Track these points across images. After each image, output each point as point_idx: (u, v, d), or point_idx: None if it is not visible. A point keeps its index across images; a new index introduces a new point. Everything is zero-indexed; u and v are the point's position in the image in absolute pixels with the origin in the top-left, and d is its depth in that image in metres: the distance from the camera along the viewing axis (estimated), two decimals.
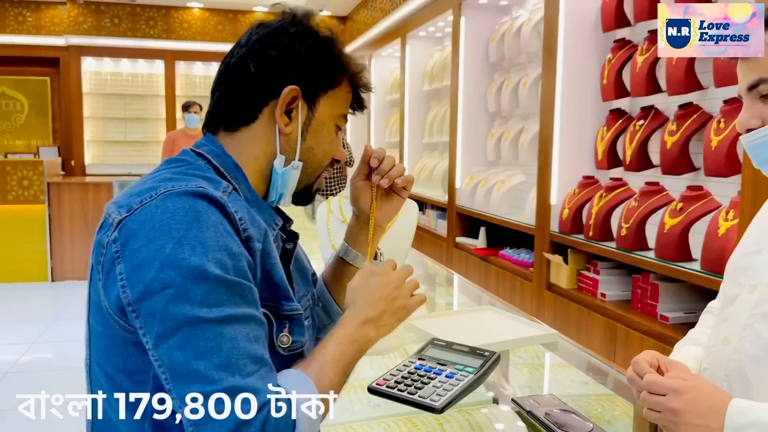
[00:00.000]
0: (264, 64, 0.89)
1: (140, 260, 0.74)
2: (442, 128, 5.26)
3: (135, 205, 0.77)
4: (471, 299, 2.33)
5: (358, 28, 7.95)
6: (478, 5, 4.45)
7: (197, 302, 0.72)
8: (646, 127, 2.72)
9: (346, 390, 1.41)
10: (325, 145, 0.96)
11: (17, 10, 7.97)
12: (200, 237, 0.74)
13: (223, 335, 0.72)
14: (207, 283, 0.72)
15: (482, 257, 4.03)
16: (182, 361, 0.71)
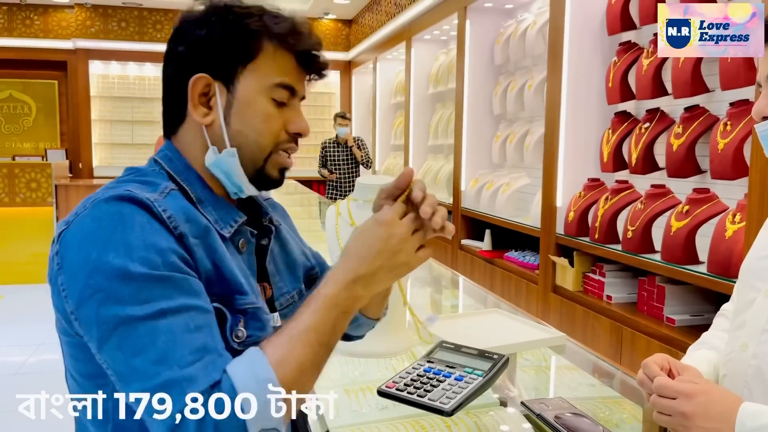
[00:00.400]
0: (175, 61, 0.88)
1: (73, 269, 0.75)
2: (447, 131, 5.27)
3: (71, 217, 0.79)
4: (477, 301, 2.34)
5: (363, 31, 7.97)
6: (483, 8, 4.47)
7: (127, 302, 0.72)
8: (651, 129, 2.73)
9: (354, 392, 1.42)
10: (257, 124, 0.88)
11: (25, 13, 8.03)
12: (124, 239, 0.74)
13: (157, 329, 0.71)
14: (134, 281, 0.72)
15: (487, 259, 4.04)
16: (122, 361, 0.72)
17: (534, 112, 3.96)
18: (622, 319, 2.65)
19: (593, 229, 2.90)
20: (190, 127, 0.89)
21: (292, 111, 0.91)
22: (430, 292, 2.42)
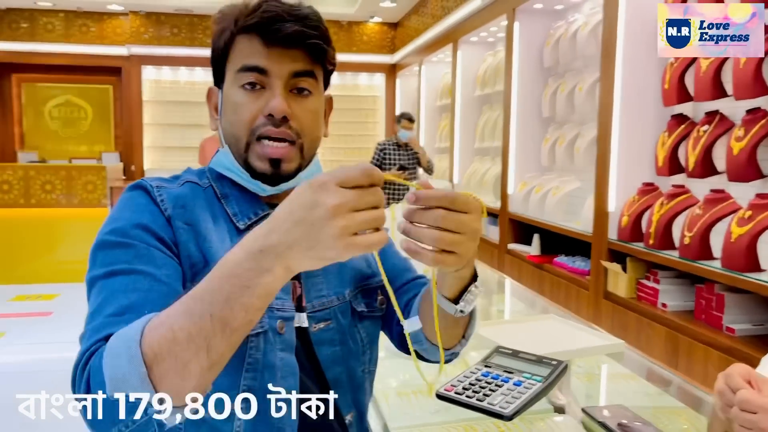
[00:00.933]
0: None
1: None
2: (493, 133, 5.23)
3: None
4: (526, 306, 2.31)
5: (408, 34, 7.98)
6: (533, 10, 4.42)
7: (97, 266, 0.80)
8: (710, 132, 2.64)
9: (406, 394, 1.43)
10: (230, 116, 0.88)
11: (82, 20, 8.32)
12: (117, 216, 0.83)
13: (105, 286, 0.77)
14: (105, 248, 0.80)
15: (536, 264, 3.98)
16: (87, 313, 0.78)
17: (585, 114, 3.89)
18: (678, 328, 2.57)
19: (648, 235, 2.82)
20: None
21: (269, 92, 0.87)
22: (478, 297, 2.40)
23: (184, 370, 0.64)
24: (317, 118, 0.93)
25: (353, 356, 0.96)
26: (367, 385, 1.00)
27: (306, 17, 0.87)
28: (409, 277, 1.04)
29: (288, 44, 0.86)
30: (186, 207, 0.87)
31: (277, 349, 0.87)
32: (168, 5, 7.99)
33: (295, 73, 0.87)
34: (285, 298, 0.88)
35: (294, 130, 0.87)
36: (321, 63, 0.93)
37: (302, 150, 0.89)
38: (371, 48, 8.87)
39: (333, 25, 8.72)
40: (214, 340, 0.64)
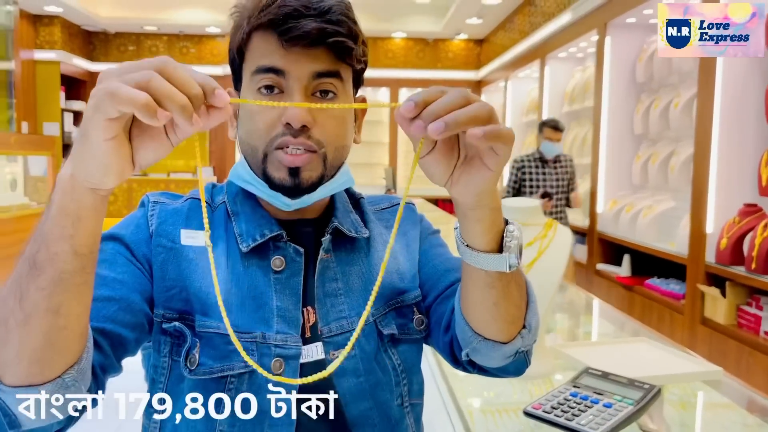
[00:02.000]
0: None
1: None
2: (582, 150, 5.11)
3: None
4: (616, 328, 2.24)
5: (494, 50, 7.95)
6: (625, 24, 4.30)
7: None
8: None
9: (491, 412, 1.42)
10: (247, 124, 0.77)
11: (183, 43, 8.86)
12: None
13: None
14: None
15: (626, 286, 3.84)
16: None
17: (680, 131, 3.74)
18: None
19: (749, 259, 2.67)
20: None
21: (288, 97, 0.75)
22: (564, 317, 2.35)
23: (5, 328, 0.56)
24: (344, 124, 0.79)
25: (383, 388, 0.81)
26: (409, 420, 0.85)
27: (328, 10, 0.74)
28: (452, 278, 0.86)
29: (307, 43, 0.73)
30: (176, 224, 0.80)
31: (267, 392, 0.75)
32: None
33: (317, 74, 0.75)
34: (289, 333, 0.77)
35: (315, 140, 0.75)
36: (347, 61, 0.78)
37: (325, 159, 0.77)
38: (456, 64, 8.90)
39: (419, 42, 8.83)
40: (24, 283, 0.56)
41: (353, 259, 0.84)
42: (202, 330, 0.76)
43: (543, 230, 1.27)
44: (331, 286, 0.82)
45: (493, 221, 0.66)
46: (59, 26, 7.76)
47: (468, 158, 0.63)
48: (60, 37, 7.76)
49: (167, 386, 0.77)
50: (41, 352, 0.57)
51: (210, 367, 0.75)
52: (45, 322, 0.56)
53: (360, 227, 0.87)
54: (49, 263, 0.55)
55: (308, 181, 0.76)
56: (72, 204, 0.54)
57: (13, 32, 7.10)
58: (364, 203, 0.93)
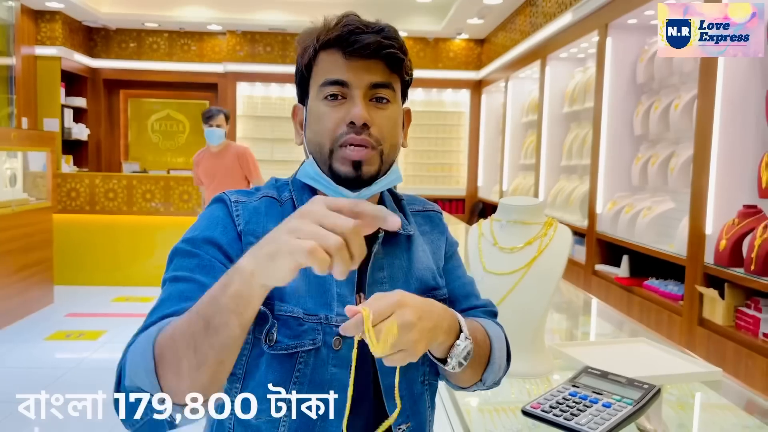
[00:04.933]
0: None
1: None
2: (582, 151, 5.11)
3: None
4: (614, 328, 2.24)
5: (495, 50, 7.95)
6: (626, 25, 4.30)
7: (169, 270, 0.88)
8: None
9: (488, 411, 1.42)
10: (314, 126, 0.93)
11: (183, 40, 8.84)
12: (195, 226, 0.91)
13: (167, 289, 0.85)
14: (177, 255, 0.88)
15: (624, 287, 3.84)
16: None
17: (680, 132, 3.74)
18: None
19: (749, 260, 2.67)
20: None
21: (350, 102, 0.91)
22: (562, 318, 2.35)
23: (178, 367, 0.72)
24: (396, 126, 0.96)
25: (412, 366, 0.96)
26: (426, 396, 1.01)
27: (383, 30, 0.92)
28: (470, 304, 1.06)
29: (366, 55, 0.90)
30: (259, 222, 0.91)
31: (330, 365, 0.90)
32: (262, 24, 8.36)
33: (373, 84, 0.91)
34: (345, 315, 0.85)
35: (374, 137, 0.91)
36: (398, 74, 0.95)
37: (382, 155, 0.93)
38: (457, 64, 8.89)
39: (419, 42, 8.82)
40: (199, 338, 0.70)
41: (397, 253, 0.99)
42: (279, 313, 0.89)
43: (543, 229, 1.27)
44: (378, 275, 0.96)
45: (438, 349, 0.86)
46: (60, 22, 7.74)
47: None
48: (61, 33, 7.74)
49: (248, 361, 0.90)
50: (207, 387, 0.73)
51: (286, 345, 0.88)
52: (213, 369, 0.72)
53: (406, 225, 1.02)
54: (222, 329, 0.69)
55: (368, 174, 0.91)
56: (247, 291, 0.68)
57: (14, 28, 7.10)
58: (404, 203, 1.08)
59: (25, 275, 5.23)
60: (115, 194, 6.54)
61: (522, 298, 1.24)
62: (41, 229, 5.52)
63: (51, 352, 4.47)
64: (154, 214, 6.53)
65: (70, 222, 6.33)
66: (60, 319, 5.27)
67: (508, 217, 1.30)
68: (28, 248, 5.28)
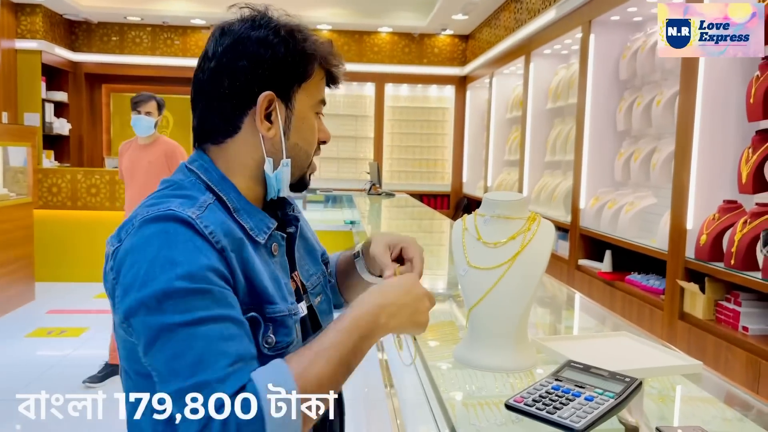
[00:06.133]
0: (235, 76, 0.92)
1: (126, 284, 0.82)
2: (565, 147, 5.15)
3: (122, 235, 0.87)
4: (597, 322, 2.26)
5: (480, 46, 7.96)
6: (609, 22, 4.33)
7: (169, 312, 0.78)
8: None
9: (472, 405, 1.43)
10: (308, 136, 0.99)
11: (167, 34, 8.76)
12: (169, 255, 0.80)
13: (195, 335, 0.77)
14: (176, 295, 0.78)
15: (607, 282, 3.88)
16: (163, 363, 0.78)
17: (662, 128, 3.78)
18: (760, 353, 2.45)
19: (729, 255, 2.71)
20: (243, 139, 0.95)
21: (320, 121, 1.03)
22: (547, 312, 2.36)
23: (335, 382, 0.85)
24: None
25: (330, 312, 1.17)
26: None
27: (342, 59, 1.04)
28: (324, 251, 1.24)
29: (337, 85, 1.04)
30: (228, 234, 0.87)
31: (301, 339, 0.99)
32: None
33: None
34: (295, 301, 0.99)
35: None
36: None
37: None
38: (442, 60, 8.90)
39: (404, 37, 8.81)
40: (343, 380, 0.87)
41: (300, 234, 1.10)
42: (274, 315, 0.91)
43: (527, 224, 1.27)
44: (298, 255, 1.08)
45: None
46: (41, 15, 7.63)
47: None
48: (41, 27, 7.63)
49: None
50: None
51: (285, 343, 0.92)
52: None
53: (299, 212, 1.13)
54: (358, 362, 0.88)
55: None
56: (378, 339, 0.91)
57: None
58: None
59: (6, 272, 5.16)
60: (98, 190, 6.47)
61: (505, 293, 1.24)
62: (22, 225, 5.45)
63: (32, 349, 4.43)
64: None
65: (51, 218, 6.25)
66: (41, 315, 5.22)
67: (491, 212, 1.31)
68: (9, 244, 5.21)
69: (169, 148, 3.89)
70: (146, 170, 3.79)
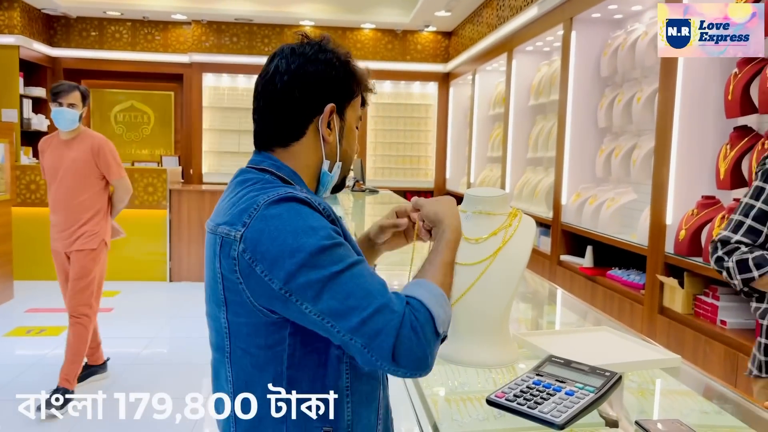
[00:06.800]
0: (307, 88, 1.09)
1: (273, 256, 0.95)
2: (547, 143, 5.18)
3: (246, 219, 0.99)
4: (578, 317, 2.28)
5: (463, 43, 7.98)
6: (591, 19, 4.36)
7: (327, 265, 0.94)
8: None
9: (455, 401, 1.43)
10: (353, 145, 1.18)
11: (147, 29, 8.66)
12: (307, 224, 0.97)
13: (354, 276, 0.95)
14: (327, 250, 0.95)
15: (588, 277, 3.91)
16: (338, 305, 0.93)
17: (642, 125, 3.82)
18: (737, 346, 2.49)
19: (707, 250, 2.74)
20: (307, 142, 1.12)
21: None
22: (529, 307, 2.38)
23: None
24: None
25: None
26: None
27: None
28: None
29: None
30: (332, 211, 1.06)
31: None
32: (228, 14, 8.23)
33: None
34: None
35: None
36: None
37: None
38: (425, 57, 8.90)
39: (387, 34, 8.80)
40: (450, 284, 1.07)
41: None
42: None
43: (508, 219, 1.28)
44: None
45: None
46: (18, 10, 7.50)
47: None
48: (19, 21, 7.51)
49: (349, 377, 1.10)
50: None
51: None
52: None
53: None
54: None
55: None
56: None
57: None
58: None
59: None
60: None
61: (487, 289, 1.25)
62: (0, 222, 5.37)
63: (11, 348, 4.36)
64: None
65: (30, 215, 6.16)
66: (20, 314, 5.14)
67: (473, 207, 1.31)
68: None
69: (95, 142, 3.51)
70: (72, 169, 3.46)
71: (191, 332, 4.79)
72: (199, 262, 6.32)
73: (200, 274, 7.45)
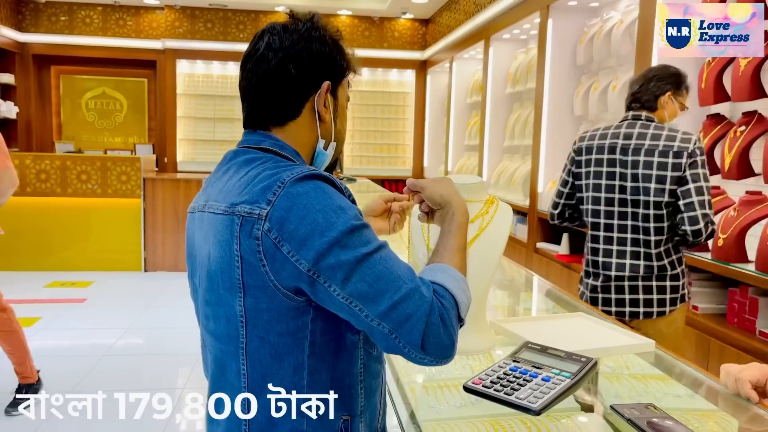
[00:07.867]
0: (302, 65, 1.06)
1: (302, 235, 0.92)
2: (524, 131, 5.19)
3: (270, 197, 0.95)
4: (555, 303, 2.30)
5: (440, 30, 7.96)
6: (567, 7, 4.37)
7: (357, 246, 0.92)
8: (748, 133, 2.59)
9: (432, 388, 1.43)
10: (345, 124, 1.17)
11: (118, 14, 8.48)
12: (335, 204, 0.94)
13: (383, 259, 0.93)
14: (356, 231, 0.93)
15: (564, 264, 3.95)
16: (367, 288, 0.90)
17: (618, 113, 3.84)
18: (709, 331, 2.53)
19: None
20: (303, 120, 1.09)
21: None
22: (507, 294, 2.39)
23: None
24: None
25: None
26: None
27: None
28: None
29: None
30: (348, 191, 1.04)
31: None
32: (203, 0, 8.09)
33: None
34: None
35: None
36: None
37: None
38: (402, 44, 8.86)
39: (364, 21, 8.74)
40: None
41: None
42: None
43: (485, 207, 1.27)
44: None
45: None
46: None
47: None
48: None
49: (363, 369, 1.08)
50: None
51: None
52: None
53: None
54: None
55: None
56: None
57: None
58: None
59: None
60: (48, 175, 6.25)
61: None
62: None
63: None
64: (91, 196, 6.29)
65: None
66: None
67: None
68: None
69: None
70: None
71: (166, 322, 4.73)
72: (174, 251, 6.25)
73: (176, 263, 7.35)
